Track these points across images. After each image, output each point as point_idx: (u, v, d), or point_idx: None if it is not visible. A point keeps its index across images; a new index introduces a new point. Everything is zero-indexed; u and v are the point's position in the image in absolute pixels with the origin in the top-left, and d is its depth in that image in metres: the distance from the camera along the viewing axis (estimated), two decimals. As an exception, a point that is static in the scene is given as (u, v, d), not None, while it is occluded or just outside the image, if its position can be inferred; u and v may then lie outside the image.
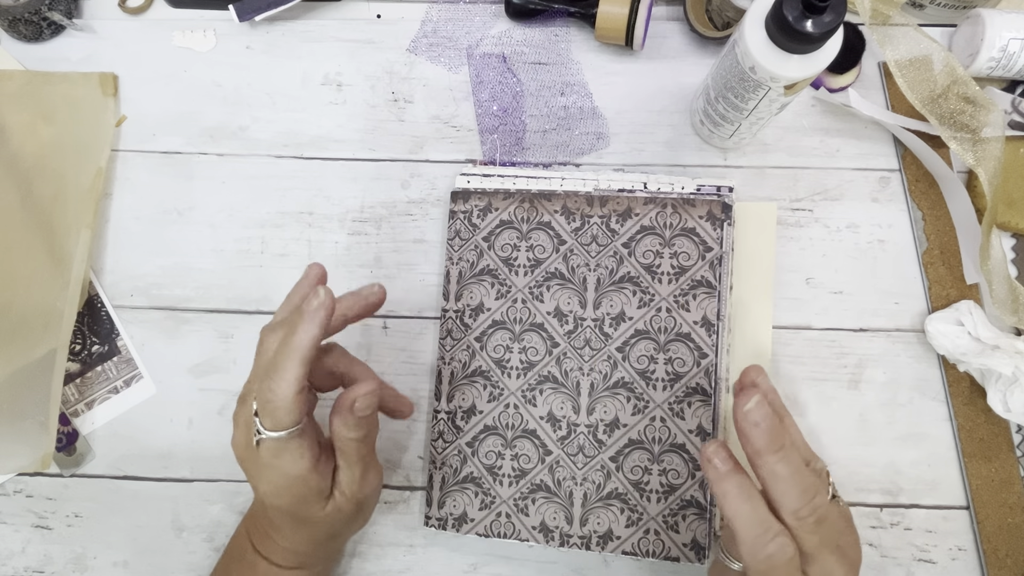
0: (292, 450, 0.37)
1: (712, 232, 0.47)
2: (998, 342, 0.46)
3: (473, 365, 0.49)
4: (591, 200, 0.49)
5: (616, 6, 0.50)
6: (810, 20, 0.37)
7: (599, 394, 0.47)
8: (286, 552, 0.42)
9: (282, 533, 0.42)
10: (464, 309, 0.49)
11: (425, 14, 0.55)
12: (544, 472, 0.47)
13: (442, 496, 0.48)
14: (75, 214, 0.51)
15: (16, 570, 0.50)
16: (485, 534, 0.47)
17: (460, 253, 0.50)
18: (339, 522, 0.42)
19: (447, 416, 0.49)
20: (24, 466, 0.49)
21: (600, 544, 0.46)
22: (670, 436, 0.46)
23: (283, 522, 0.41)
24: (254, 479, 0.39)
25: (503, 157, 0.53)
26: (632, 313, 0.47)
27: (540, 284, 0.48)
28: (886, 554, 0.48)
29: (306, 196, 0.53)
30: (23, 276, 0.51)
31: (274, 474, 0.38)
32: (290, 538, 0.42)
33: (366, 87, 0.54)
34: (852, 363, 0.50)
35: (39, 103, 0.53)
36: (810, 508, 0.35)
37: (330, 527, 0.42)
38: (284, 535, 0.42)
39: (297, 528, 0.41)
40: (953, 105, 0.47)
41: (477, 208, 0.50)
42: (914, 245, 0.51)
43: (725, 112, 0.46)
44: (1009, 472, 0.48)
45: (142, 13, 0.56)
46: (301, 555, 0.43)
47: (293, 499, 0.39)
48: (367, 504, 0.44)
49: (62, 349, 0.50)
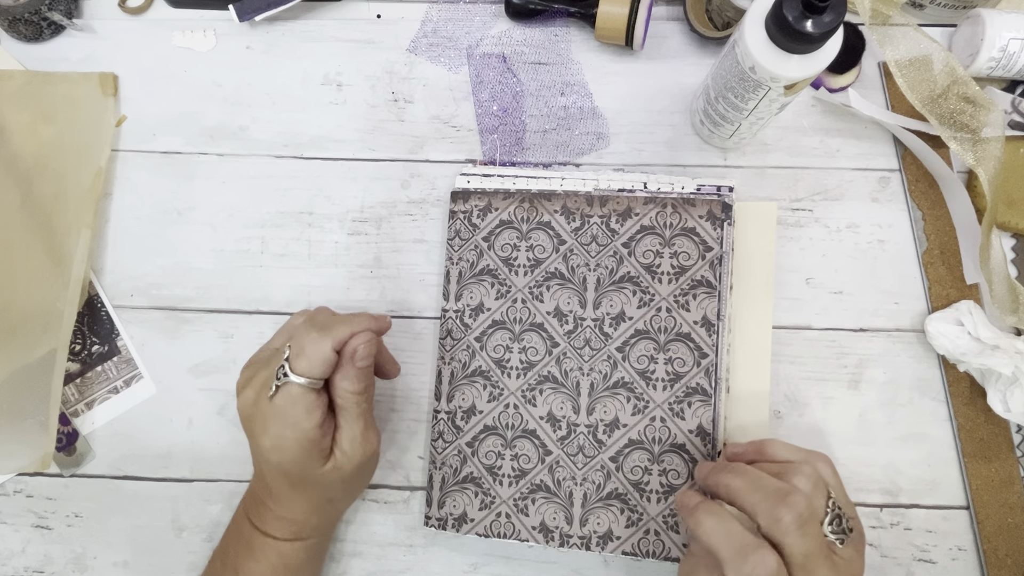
0: (309, 402, 0.39)
1: (712, 232, 0.47)
2: (998, 342, 0.46)
3: (473, 365, 0.49)
4: (591, 200, 0.49)
5: (616, 6, 0.50)
6: (810, 20, 0.37)
7: (599, 394, 0.47)
8: (283, 522, 0.43)
9: (279, 500, 0.42)
10: (464, 309, 0.49)
11: (425, 14, 0.55)
12: (544, 472, 0.47)
13: (442, 496, 0.48)
14: (75, 214, 0.51)
15: (16, 570, 0.50)
16: (485, 534, 0.47)
17: (460, 253, 0.50)
18: (337, 483, 0.42)
19: (447, 416, 0.49)
20: (24, 466, 0.49)
21: (600, 544, 0.46)
22: (670, 436, 0.46)
23: (281, 487, 0.42)
24: (259, 435, 0.40)
25: (503, 157, 0.53)
26: (632, 313, 0.47)
27: (540, 284, 0.48)
28: (886, 554, 0.48)
29: (306, 196, 0.53)
30: (23, 276, 0.51)
31: (282, 426, 0.39)
32: (287, 505, 0.42)
33: (366, 87, 0.54)
34: (852, 363, 0.50)
35: (39, 103, 0.53)
36: (786, 510, 0.35)
37: (328, 489, 0.42)
38: (281, 502, 0.42)
39: (295, 492, 0.42)
40: (953, 105, 0.47)
41: (477, 208, 0.50)
42: (914, 245, 0.51)
43: (725, 112, 0.46)
44: (1009, 472, 0.48)
45: (142, 13, 0.56)
46: (298, 524, 0.43)
47: (295, 455, 0.40)
48: (366, 467, 0.44)
49: (62, 349, 0.50)
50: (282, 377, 0.39)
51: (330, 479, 0.42)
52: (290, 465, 0.40)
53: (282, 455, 0.40)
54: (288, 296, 0.52)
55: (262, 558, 0.43)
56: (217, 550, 0.46)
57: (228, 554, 0.44)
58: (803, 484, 0.37)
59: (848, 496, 0.40)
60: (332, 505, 0.45)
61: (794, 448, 0.41)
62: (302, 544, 0.44)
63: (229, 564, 0.44)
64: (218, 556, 0.45)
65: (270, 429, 0.40)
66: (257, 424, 0.40)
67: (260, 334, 0.51)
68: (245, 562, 0.43)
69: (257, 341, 0.51)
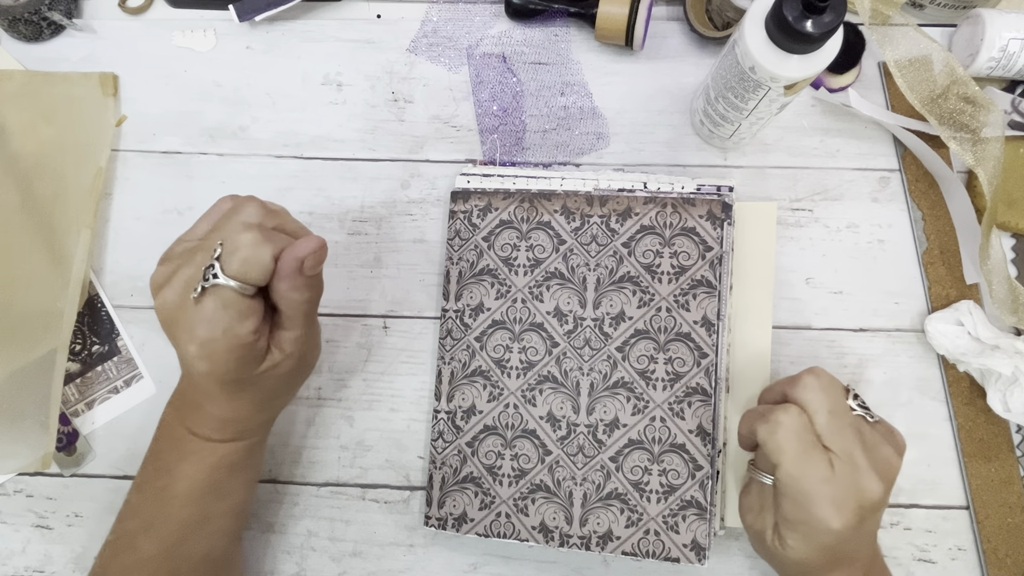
0: (243, 307, 0.36)
1: (712, 231, 0.47)
2: (998, 342, 0.46)
3: (473, 365, 0.49)
4: (591, 200, 0.49)
5: (616, 6, 0.50)
6: (810, 20, 0.37)
7: (599, 394, 0.47)
8: (222, 423, 0.40)
9: (217, 402, 0.40)
10: (464, 309, 0.49)
11: (425, 14, 0.55)
12: (544, 472, 0.47)
13: (442, 496, 0.48)
14: (75, 214, 0.51)
15: (16, 570, 0.50)
16: (485, 534, 0.47)
17: (460, 253, 0.50)
18: (279, 379, 0.40)
19: (447, 416, 0.49)
20: (24, 466, 0.49)
21: (600, 544, 0.46)
22: (670, 436, 0.46)
23: (216, 390, 0.39)
24: (184, 342, 0.36)
25: (503, 157, 0.53)
26: (632, 313, 0.47)
27: (540, 284, 0.48)
28: (886, 554, 0.48)
29: (306, 196, 0.53)
30: (23, 276, 0.51)
31: (210, 330, 0.36)
32: (226, 405, 0.40)
33: (366, 87, 0.54)
34: (852, 363, 0.50)
35: (39, 103, 0.53)
36: (807, 375, 0.39)
37: (271, 386, 0.40)
38: (220, 404, 0.40)
39: (234, 394, 0.39)
40: (953, 105, 0.47)
41: (477, 208, 0.50)
42: (914, 245, 0.51)
43: (725, 112, 0.46)
44: (1009, 472, 0.48)
45: (142, 13, 0.56)
46: (240, 423, 0.41)
47: (227, 361, 0.37)
48: (309, 357, 0.42)
49: (62, 349, 0.50)
50: (211, 278, 0.35)
51: (270, 378, 0.39)
52: (224, 371, 0.37)
53: (213, 361, 0.37)
54: (288, 296, 0.52)
55: (198, 461, 0.40)
56: (147, 457, 0.43)
57: (161, 459, 0.42)
58: (820, 374, 0.39)
59: None
60: (278, 399, 0.43)
61: None
62: (245, 443, 0.42)
63: (163, 468, 0.41)
64: (149, 462, 0.43)
65: (197, 334, 0.36)
66: (182, 329, 0.36)
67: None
68: (180, 465, 0.41)
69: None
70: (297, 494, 0.50)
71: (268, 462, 0.50)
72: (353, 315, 0.52)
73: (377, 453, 0.50)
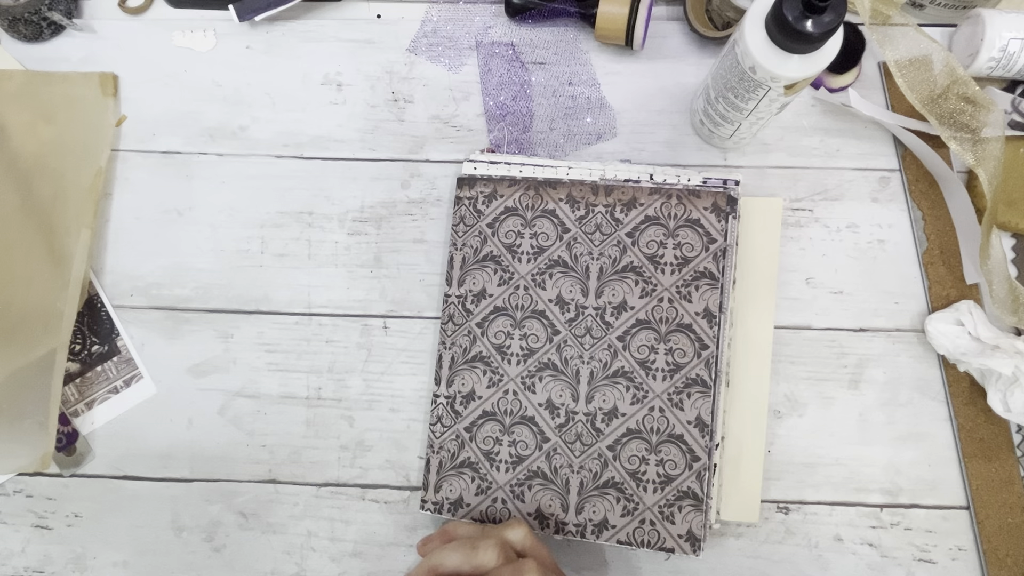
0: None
1: (716, 224, 0.47)
2: (998, 342, 0.46)
3: (473, 351, 0.49)
4: (596, 189, 0.49)
5: (616, 6, 0.50)
6: (810, 20, 0.37)
7: (598, 383, 0.47)
8: None
9: None
10: (466, 295, 0.49)
11: (425, 14, 0.55)
12: (541, 459, 0.47)
13: (439, 480, 0.48)
14: (75, 214, 0.51)
15: (16, 570, 0.50)
16: (481, 519, 0.47)
17: (464, 239, 0.50)
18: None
19: (446, 401, 0.49)
20: (24, 466, 0.49)
21: (595, 533, 0.46)
22: (668, 426, 0.46)
23: None
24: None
25: (510, 146, 0.53)
26: (634, 303, 0.47)
27: (543, 272, 0.48)
28: (886, 554, 0.48)
29: (306, 196, 0.53)
30: (23, 276, 0.51)
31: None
32: None
33: (366, 87, 0.54)
34: (852, 363, 0.50)
35: (39, 103, 0.53)
36: None
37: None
38: None
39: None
40: (953, 105, 0.47)
41: (482, 194, 0.50)
42: (914, 245, 0.51)
43: (725, 112, 0.46)
44: (1009, 472, 0.48)
45: (142, 13, 0.56)
46: None
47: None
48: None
49: (62, 349, 0.50)
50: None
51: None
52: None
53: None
54: (288, 296, 0.52)
55: None
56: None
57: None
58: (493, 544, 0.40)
59: None
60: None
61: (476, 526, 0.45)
62: None
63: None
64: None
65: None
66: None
67: (260, 334, 0.51)
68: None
69: (257, 341, 0.51)
70: (297, 494, 0.50)
71: (268, 462, 0.50)
72: (353, 315, 0.52)
73: (377, 453, 0.50)
